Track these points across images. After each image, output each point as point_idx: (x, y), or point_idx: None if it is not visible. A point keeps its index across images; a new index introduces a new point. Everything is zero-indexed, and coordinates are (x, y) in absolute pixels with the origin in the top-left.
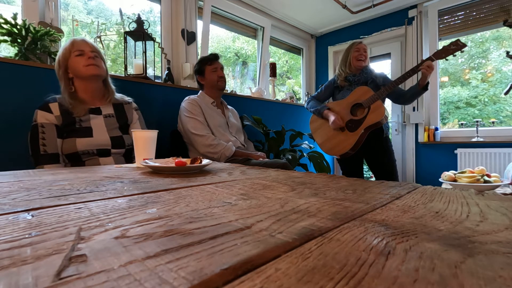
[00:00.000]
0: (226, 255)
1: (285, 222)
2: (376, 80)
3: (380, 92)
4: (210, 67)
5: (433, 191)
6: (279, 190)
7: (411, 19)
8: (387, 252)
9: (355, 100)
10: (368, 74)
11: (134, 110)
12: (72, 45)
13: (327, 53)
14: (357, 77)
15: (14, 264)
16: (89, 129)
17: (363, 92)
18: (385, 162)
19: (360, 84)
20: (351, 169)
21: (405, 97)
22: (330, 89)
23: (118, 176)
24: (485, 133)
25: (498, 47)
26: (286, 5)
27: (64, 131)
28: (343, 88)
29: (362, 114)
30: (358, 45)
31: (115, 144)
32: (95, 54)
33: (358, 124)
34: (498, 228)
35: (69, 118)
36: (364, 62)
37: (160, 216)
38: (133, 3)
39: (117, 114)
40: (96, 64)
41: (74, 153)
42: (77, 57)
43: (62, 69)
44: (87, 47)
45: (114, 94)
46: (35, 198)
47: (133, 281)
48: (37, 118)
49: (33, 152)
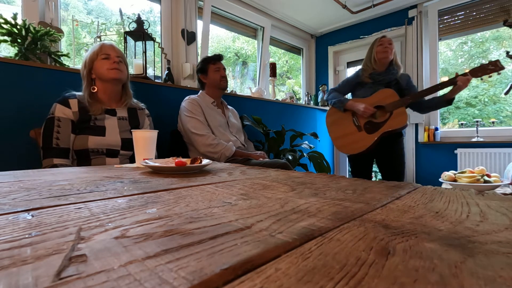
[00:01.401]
0: (226, 255)
1: (285, 222)
2: (400, 82)
3: (405, 100)
4: (214, 66)
5: (433, 191)
6: (279, 190)
7: (411, 19)
8: (387, 252)
9: (378, 102)
10: (394, 74)
11: (146, 116)
12: (100, 48)
13: (327, 53)
14: (381, 75)
15: (14, 264)
16: (102, 128)
17: (388, 95)
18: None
19: (384, 84)
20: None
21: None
22: (352, 84)
23: (118, 176)
24: (485, 133)
25: (498, 47)
26: (286, 5)
27: (78, 128)
28: (366, 85)
29: (383, 118)
30: (382, 39)
31: (124, 145)
32: (120, 59)
33: (377, 127)
34: (498, 228)
35: (85, 115)
36: (389, 54)
37: (160, 216)
38: (133, 3)
39: (130, 117)
40: (119, 68)
41: (84, 150)
42: (103, 60)
43: (87, 69)
44: (113, 52)
45: (131, 99)
46: (35, 198)
47: (133, 281)
48: (55, 111)
49: (44, 144)
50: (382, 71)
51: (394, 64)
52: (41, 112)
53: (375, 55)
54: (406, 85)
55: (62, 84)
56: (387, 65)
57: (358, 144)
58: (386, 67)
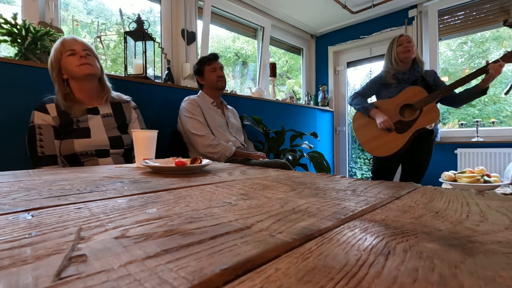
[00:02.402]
0: (226, 255)
1: (285, 222)
2: (426, 78)
3: (435, 95)
4: (209, 67)
5: (433, 191)
6: (279, 190)
7: (411, 19)
8: (387, 252)
9: (405, 101)
10: (419, 72)
11: (133, 109)
12: (62, 45)
13: (327, 53)
14: (406, 74)
15: (14, 264)
16: (87, 130)
17: (415, 93)
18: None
19: (409, 83)
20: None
21: (455, 100)
22: (376, 86)
23: (118, 176)
24: (485, 133)
25: (498, 47)
26: (286, 5)
27: (61, 132)
28: (391, 86)
29: (413, 116)
30: (400, 38)
31: (113, 144)
32: (87, 52)
33: (407, 126)
34: (498, 228)
35: (66, 118)
36: (411, 53)
37: (160, 216)
38: (133, 3)
39: (115, 113)
40: (89, 63)
41: (72, 154)
42: (69, 57)
43: (55, 70)
44: (78, 46)
45: (111, 92)
46: (35, 198)
47: (133, 281)
48: (34, 119)
49: (31, 154)
50: (405, 70)
51: (418, 61)
52: None
53: (396, 56)
54: (434, 81)
55: None
56: (410, 63)
57: (391, 145)
58: (409, 66)
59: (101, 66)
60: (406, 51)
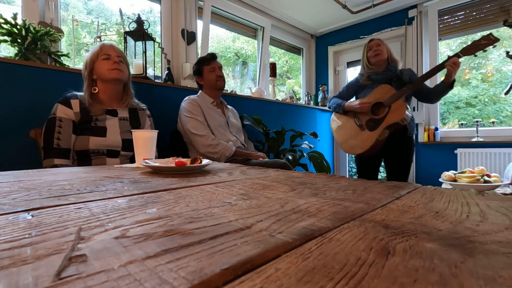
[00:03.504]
0: (226, 255)
1: (285, 222)
2: (402, 77)
3: (401, 91)
4: (208, 67)
5: (433, 191)
6: (279, 190)
7: (411, 19)
8: (387, 252)
9: (376, 99)
10: (393, 71)
11: (147, 117)
12: (100, 49)
13: (327, 53)
14: (380, 75)
15: (14, 264)
16: (103, 129)
17: (385, 91)
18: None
19: (383, 83)
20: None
21: (430, 95)
22: (353, 88)
23: (118, 176)
24: (485, 133)
25: (498, 47)
26: (286, 5)
27: (79, 128)
28: (366, 87)
29: (383, 113)
30: (370, 43)
31: (125, 146)
32: (120, 59)
33: (378, 123)
34: (498, 228)
35: (86, 116)
36: (381, 56)
37: (160, 216)
38: (133, 3)
39: (131, 118)
40: (119, 69)
41: (85, 151)
42: (103, 61)
43: (88, 70)
44: (113, 52)
45: (133, 99)
46: (35, 198)
47: (133, 281)
48: (57, 111)
49: (45, 144)
50: (379, 71)
51: (391, 60)
52: (41, 112)
53: (368, 61)
54: (410, 78)
55: (62, 84)
56: (384, 64)
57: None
58: (384, 67)
59: (130, 73)
60: (375, 54)
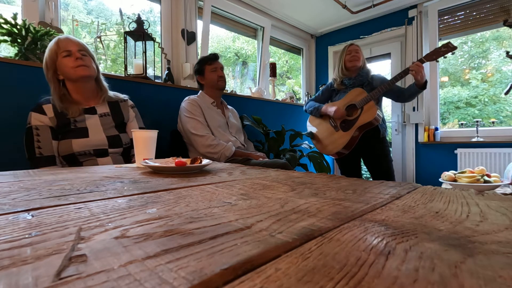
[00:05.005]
0: (226, 255)
1: (285, 222)
2: (372, 82)
3: (373, 94)
4: (210, 67)
5: (433, 191)
6: (279, 190)
7: (411, 19)
8: (387, 252)
9: (349, 101)
10: (364, 77)
11: (131, 107)
12: (57, 45)
13: (327, 53)
14: (352, 80)
15: (14, 264)
16: (84, 130)
17: (357, 94)
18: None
19: (355, 87)
20: (348, 169)
21: (404, 96)
22: (327, 92)
23: (118, 176)
24: (485, 133)
25: (498, 47)
26: (286, 5)
27: (59, 133)
28: (340, 91)
29: (356, 115)
30: (349, 47)
31: (112, 143)
32: (82, 52)
33: (351, 124)
34: (498, 228)
35: (63, 119)
36: (358, 62)
37: (160, 216)
38: (133, 3)
39: (112, 112)
40: (85, 64)
41: (70, 155)
42: (64, 58)
43: (50, 71)
44: (73, 46)
45: (108, 92)
46: (35, 198)
47: (133, 281)
48: (31, 120)
49: (28, 155)
50: (353, 76)
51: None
52: None
53: (344, 64)
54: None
55: None
56: (357, 71)
57: (337, 143)
58: (356, 73)
59: (98, 66)
60: (353, 59)
